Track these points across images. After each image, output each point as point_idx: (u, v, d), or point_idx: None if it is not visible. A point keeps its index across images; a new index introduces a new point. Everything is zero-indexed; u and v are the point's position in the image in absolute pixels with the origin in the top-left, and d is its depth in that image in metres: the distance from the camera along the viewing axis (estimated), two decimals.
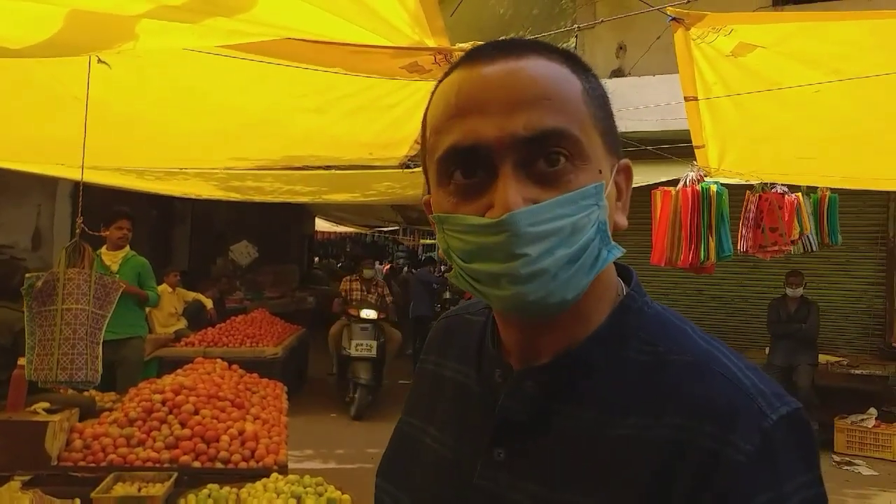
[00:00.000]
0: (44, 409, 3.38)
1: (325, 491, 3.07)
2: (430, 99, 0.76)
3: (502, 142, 0.67)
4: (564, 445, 0.70)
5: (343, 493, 3.09)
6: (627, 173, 0.77)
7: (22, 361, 3.24)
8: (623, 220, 0.76)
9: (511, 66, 0.69)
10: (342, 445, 6.28)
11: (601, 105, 0.74)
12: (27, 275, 2.88)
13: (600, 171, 0.70)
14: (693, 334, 0.74)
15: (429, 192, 0.77)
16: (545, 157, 0.68)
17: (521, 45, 0.72)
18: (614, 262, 0.76)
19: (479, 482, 0.74)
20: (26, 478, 3.04)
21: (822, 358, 6.84)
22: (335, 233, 22.86)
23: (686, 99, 3.21)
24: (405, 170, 5.92)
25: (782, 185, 4.97)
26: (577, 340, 0.73)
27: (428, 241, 20.75)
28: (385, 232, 21.80)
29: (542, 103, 0.68)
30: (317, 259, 21.99)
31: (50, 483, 3.05)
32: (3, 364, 3.66)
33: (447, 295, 10.71)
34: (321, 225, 19.98)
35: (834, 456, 6.37)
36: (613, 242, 0.71)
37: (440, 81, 0.76)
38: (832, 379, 6.80)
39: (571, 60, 0.74)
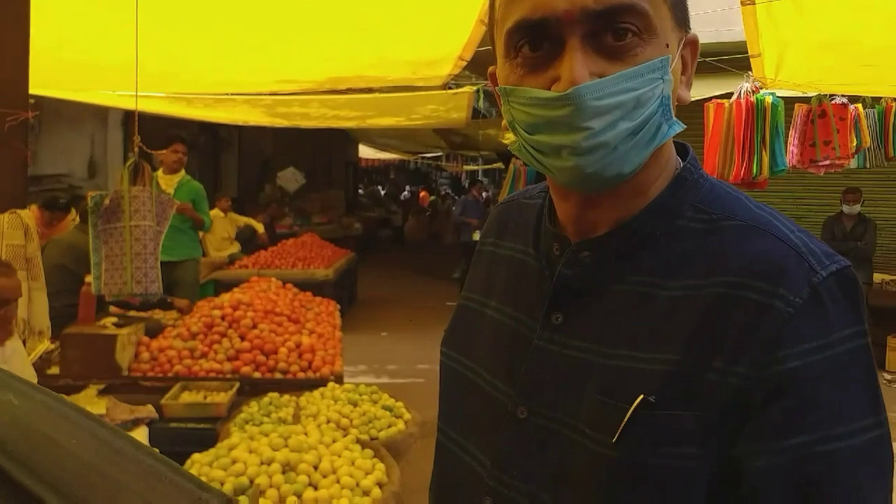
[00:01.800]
0: (112, 324, 3.56)
1: (380, 399, 3.19)
2: None
3: (571, 15, 0.67)
4: (619, 307, 0.74)
5: (397, 402, 3.22)
6: (694, 47, 0.77)
7: (88, 279, 3.39)
8: (687, 95, 0.76)
9: None
10: (394, 361, 6.49)
11: None
12: (91, 194, 2.99)
13: (667, 45, 0.70)
14: (747, 202, 0.76)
15: (495, 63, 0.79)
16: (613, 30, 0.68)
17: None
18: (672, 139, 0.77)
19: (539, 343, 0.78)
20: (100, 386, 3.23)
21: (877, 277, 6.70)
22: (379, 160, 22.86)
23: (743, 3, 3.07)
24: (448, 91, 5.85)
25: (842, 96, 4.76)
26: (633, 212, 0.76)
27: (471, 168, 20.59)
28: (428, 158, 21.71)
29: None
30: (360, 188, 22.12)
31: (122, 391, 3.24)
32: (71, 287, 3.84)
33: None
34: (364, 152, 19.99)
35: (885, 374, 6.32)
36: (675, 118, 0.72)
37: None
38: (886, 298, 6.67)
39: None
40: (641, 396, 0.68)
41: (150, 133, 5.23)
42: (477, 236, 10.97)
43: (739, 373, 0.65)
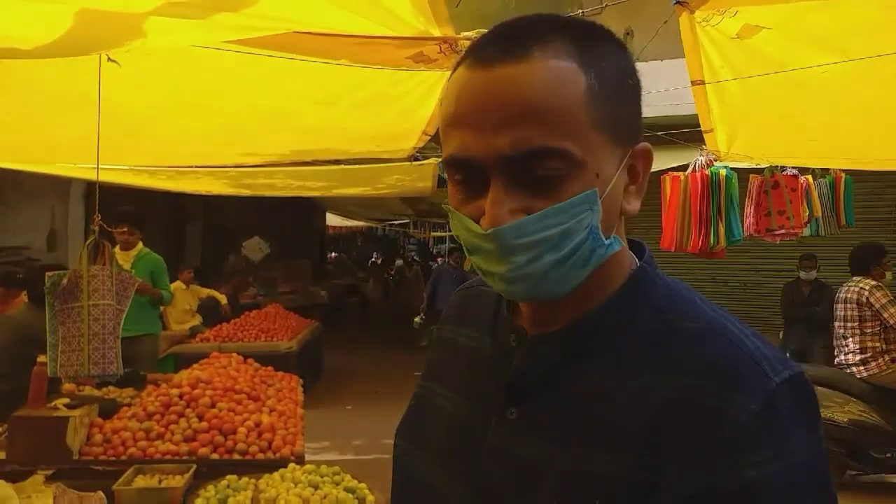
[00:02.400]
0: (64, 405, 3.43)
1: (342, 480, 3.10)
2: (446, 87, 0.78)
3: (490, 158, 0.69)
4: (573, 405, 0.73)
5: (360, 482, 3.12)
6: (646, 158, 0.77)
7: (42, 359, 3.29)
8: (634, 206, 0.76)
9: (509, 73, 0.68)
10: (358, 437, 6.33)
11: (611, 93, 0.72)
12: (48, 273, 2.93)
13: (598, 175, 0.70)
14: (701, 304, 0.77)
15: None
16: (534, 170, 0.69)
17: (526, 39, 0.70)
18: (627, 238, 0.79)
19: (492, 439, 0.77)
20: (49, 472, 3.09)
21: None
22: (346, 227, 22.92)
23: (693, 83, 3.20)
24: (414, 162, 5.94)
25: (793, 167, 4.94)
26: (590, 310, 0.76)
27: (438, 234, 20.74)
28: (396, 225, 21.83)
29: (531, 120, 0.67)
30: (332, 254, 22.07)
31: (72, 477, 3.09)
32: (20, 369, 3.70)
33: None
34: (332, 220, 20.05)
35: None
36: (614, 236, 0.73)
37: (454, 70, 0.76)
38: None
39: (582, 46, 0.71)
40: (597, 502, 0.67)
41: (113, 206, 5.20)
42: (418, 319, 10.82)
43: (694, 480, 0.64)
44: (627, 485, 0.66)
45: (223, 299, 8.48)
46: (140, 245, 5.38)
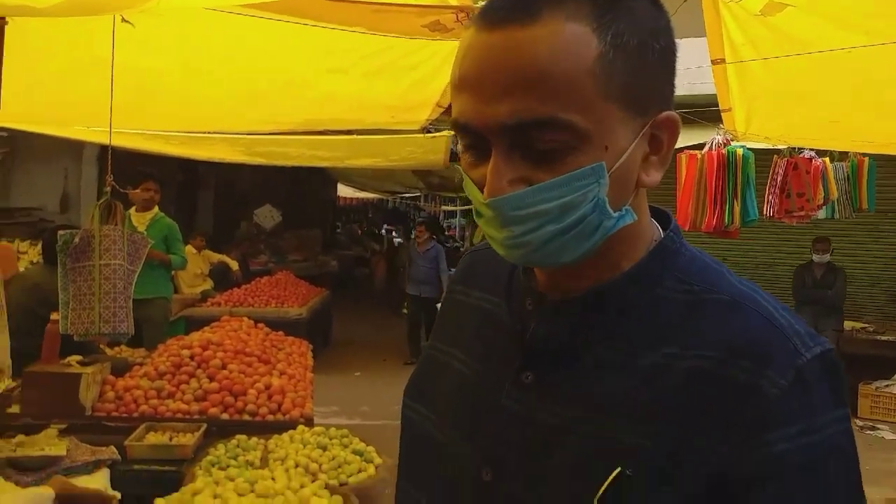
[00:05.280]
0: (77, 363, 3.49)
1: (351, 443, 3.14)
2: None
3: (489, 127, 0.67)
4: (593, 372, 0.72)
5: (367, 446, 3.17)
6: (671, 128, 0.73)
7: (55, 317, 3.33)
8: (654, 177, 0.73)
9: (513, 38, 0.65)
10: (366, 403, 6.41)
11: (630, 59, 0.67)
12: (60, 232, 2.96)
13: (607, 148, 0.67)
14: (729, 276, 0.75)
15: None
16: (535, 142, 0.66)
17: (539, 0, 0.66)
18: (652, 207, 0.78)
19: (506, 402, 0.75)
20: (62, 426, 3.14)
21: (848, 324, 6.80)
22: (357, 199, 22.91)
23: (713, 62, 3.16)
24: (426, 135, 5.91)
25: (810, 149, 4.89)
26: (611, 277, 0.74)
27: (449, 208, 20.66)
28: (406, 198, 21.77)
29: (534, 88, 0.64)
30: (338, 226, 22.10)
31: (84, 432, 3.14)
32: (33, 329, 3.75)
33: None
34: (343, 191, 20.05)
35: (857, 420, 6.37)
36: (627, 208, 0.70)
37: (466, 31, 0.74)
38: (857, 345, 6.76)
39: (601, 6, 0.67)
40: (618, 469, 0.65)
41: (126, 169, 5.21)
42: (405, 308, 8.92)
43: (722, 453, 0.63)
44: (652, 454, 0.65)
45: (234, 265, 8.53)
46: (156, 209, 5.41)
